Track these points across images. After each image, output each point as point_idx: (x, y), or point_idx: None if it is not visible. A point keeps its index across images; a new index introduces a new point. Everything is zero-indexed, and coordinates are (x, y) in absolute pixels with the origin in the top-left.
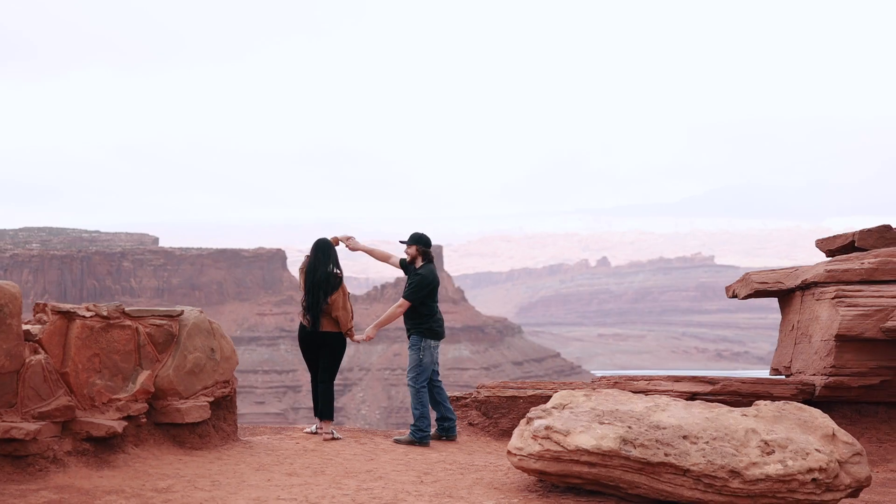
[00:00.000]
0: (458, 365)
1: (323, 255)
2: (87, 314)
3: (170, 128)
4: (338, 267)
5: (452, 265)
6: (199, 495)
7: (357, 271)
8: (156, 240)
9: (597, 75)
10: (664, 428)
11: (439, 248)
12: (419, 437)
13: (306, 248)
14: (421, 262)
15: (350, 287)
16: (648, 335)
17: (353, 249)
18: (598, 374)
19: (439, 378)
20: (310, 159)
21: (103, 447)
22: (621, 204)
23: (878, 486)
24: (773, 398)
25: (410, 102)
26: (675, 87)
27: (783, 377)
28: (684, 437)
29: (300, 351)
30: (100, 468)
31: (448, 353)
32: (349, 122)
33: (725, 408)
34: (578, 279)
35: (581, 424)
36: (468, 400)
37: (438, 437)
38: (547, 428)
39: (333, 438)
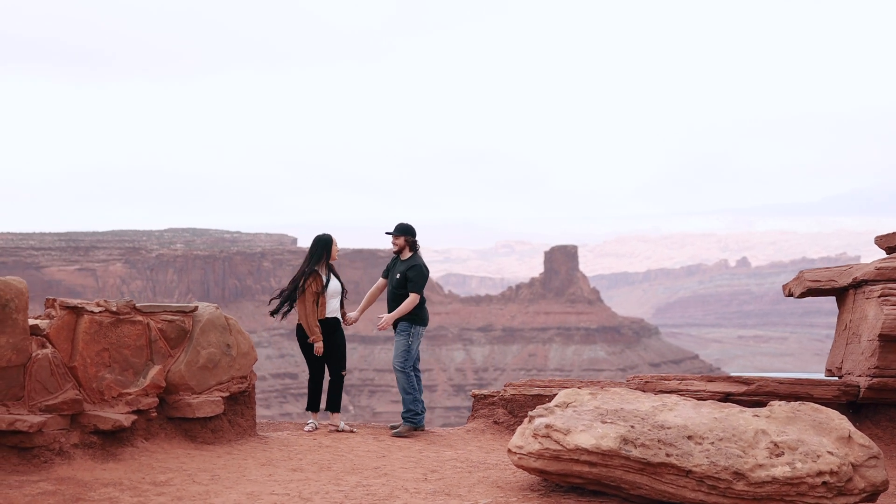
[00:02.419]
0: (594, 366)
1: (311, 251)
2: (96, 309)
3: (309, 129)
4: (319, 264)
5: (588, 265)
6: (195, 489)
7: (492, 272)
8: (294, 240)
9: (739, 74)
10: (668, 428)
11: (574, 248)
12: (416, 421)
13: (441, 248)
14: (409, 253)
15: (484, 287)
16: (791, 337)
17: (355, 320)
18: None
19: (419, 367)
20: (446, 160)
21: (111, 440)
22: (762, 203)
23: None
24: (813, 400)
25: (549, 103)
26: (820, 84)
27: (828, 378)
28: (689, 438)
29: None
30: (105, 461)
31: (583, 354)
32: (487, 124)
33: (737, 408)
34: (717, 280)
35: (583, 423)
36: (495, 398)
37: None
38: (547, 426)
39: (339, 431)
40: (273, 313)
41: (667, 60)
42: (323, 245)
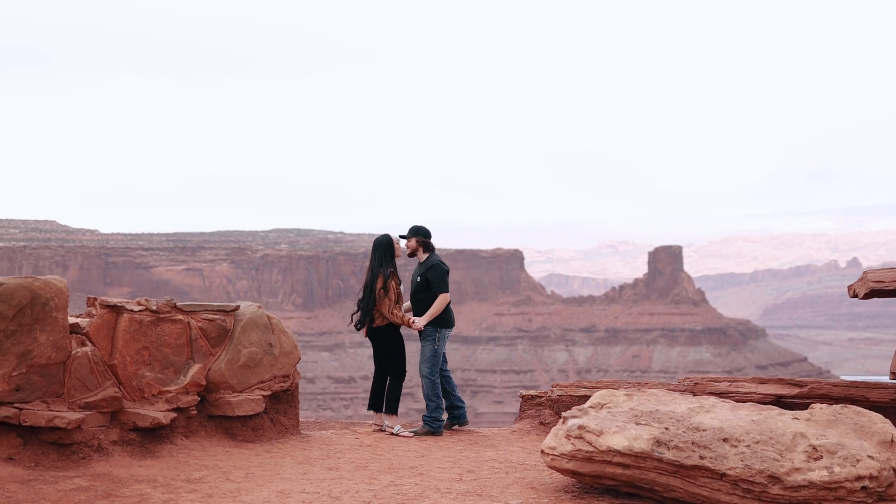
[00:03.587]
0: (699, 368)
1: (375, 255)
2: (137, 308)
3: (413, 130)
4: (391, 265)
5: (693, 266)
6: (227, 486)
7: (595, 272)
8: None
9: (853, 70)
10: (704, 430)
11: (679, 248)
12: (435, 427)
13: (544, 248)
14: (424, 255)
15: (587, 288)
16: None
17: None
18: (849, 379)
19: (447, 367)
20: (550, 160)
21: (150, 437)
22: (874, 203)
23: None
24: (869, 403)
25: (654, 100)
26: None
27: (890, 381)
28: (724, 440)
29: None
30: (143, 458)
31: (688, 356)
32: (591, 123)
33: (777, 410)
34: (827, 281)
35: (616, 424)
36: (542, 399)
37: (450, 426)
38: (580, 427)
39: (394, 434)
40: (359, 327)
41: (779, 56)
42: (385, 246)
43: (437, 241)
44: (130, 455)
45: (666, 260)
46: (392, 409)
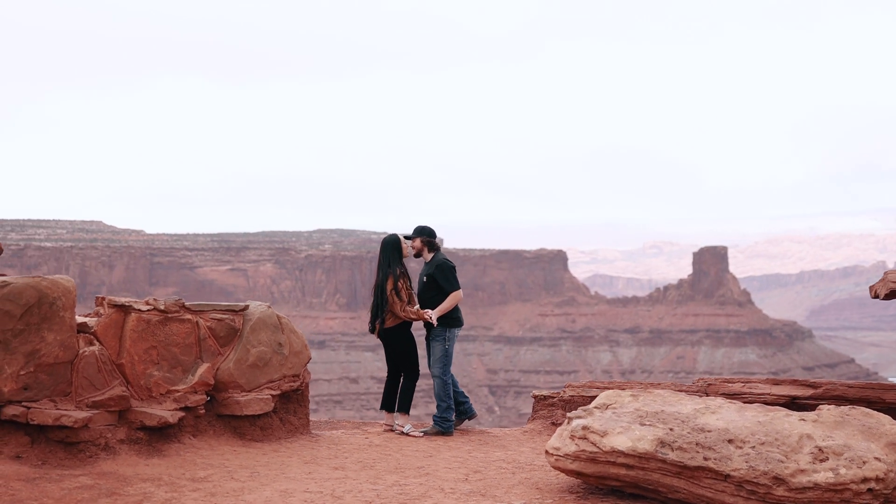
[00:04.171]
0: (745, 369)
1: (383, 256)
2: (145, 308)
3: (457, 130)
4: (399, 265)
5: (738, 266)
6: (231, 485)
7: (639, 273)
8: (440, 241)
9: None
10: (709, 431)
11: (724, 249)
12: (445, 427)
13: (588, 249)
14: (429, 254)
15: (631, 289)
16: None
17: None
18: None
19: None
20: (594, 160)
21: (157, 436)
22: None
23: None
24: (885, 405)
25: (698, 100)
26: None
27: None
28: (729, 441)
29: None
30: (150, 457)
31: (734, 357)
32: (635, 122)
33: (784, 411)
34: (875, 282)
35: (621, 425)
36: (555, 399)
37: (460, 422)
38: (584, 428)
39: (405, 434)
40: (373, 330)
41: (825, 54)
42: (392, 246)
43: (481, 242)
44: (137, 454)
45: (711, 260)
46: (404, 409)
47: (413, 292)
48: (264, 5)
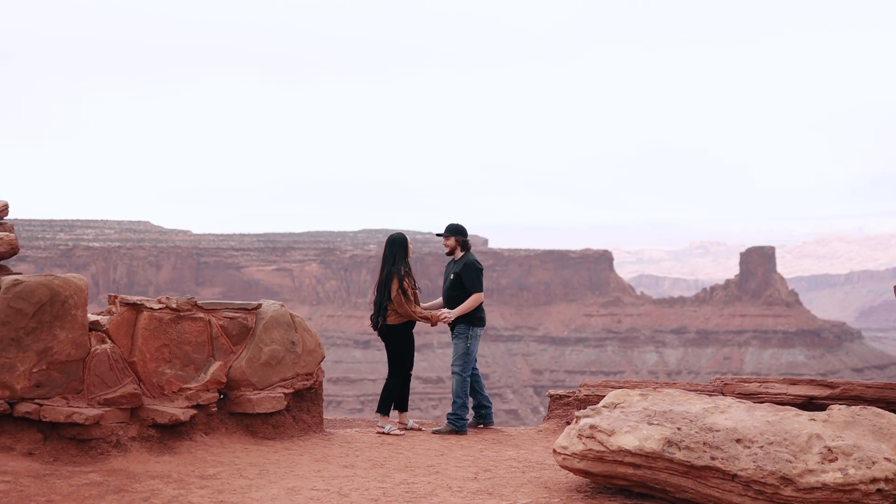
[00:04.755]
0: (793, 370)
1: (389, 252)
2: (157, 306)
3: (503, 131)
4: (404, 263)
5: (786, 267)
6: (239, 483)
7: (685, 273)
8: (485, 241)
9: None
10: (717, 430)
11: (772, 249)
12: (459, 426)
13: (634, 249)
14: (460, 253)
15: (678, 289)
16: None
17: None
18: None
19: (477, 367)
20: (640, 159)
21: (169, 434)
22: None
23: None
24: None
25: (744, 99)
26: None
27: None
28: (737, 441)
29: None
30: (161, 454)
31: (781, 358)
32: (681, 121)
33: (794, 411)
34: None
35: (628, 424)
36: (570, 399)
37: (476, 425)
38: (592, 427)
39: (409, 429)
40: (375, 326)
41: (878, 52)
42: (399, 244)
43: (526, 242)
44: (149, 451)
45: (758, 261)
46: (403, 406)
47: (417, 292)
48: (310, 6)
